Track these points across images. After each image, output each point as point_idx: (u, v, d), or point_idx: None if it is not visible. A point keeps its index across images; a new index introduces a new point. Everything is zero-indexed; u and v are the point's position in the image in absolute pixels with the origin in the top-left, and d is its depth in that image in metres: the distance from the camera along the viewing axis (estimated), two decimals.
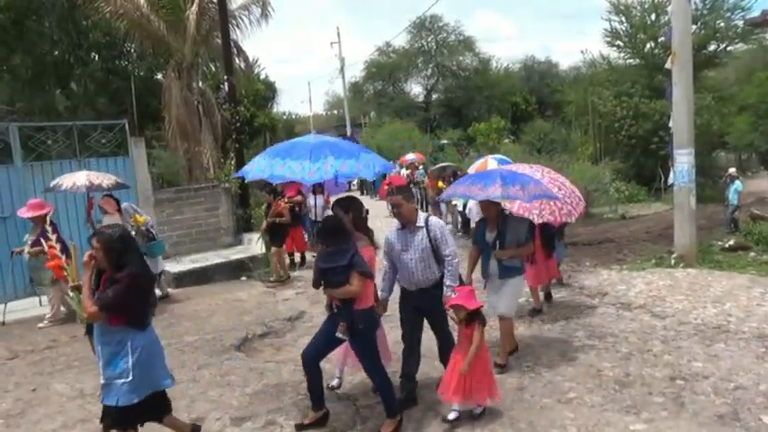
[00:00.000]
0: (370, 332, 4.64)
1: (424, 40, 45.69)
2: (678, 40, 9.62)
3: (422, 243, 4.85)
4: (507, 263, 5.63)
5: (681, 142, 9.72)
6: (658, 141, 18.61)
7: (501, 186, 5.24)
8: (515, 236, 5.64)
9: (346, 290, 4.38)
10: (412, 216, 4.92)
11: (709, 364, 5.52)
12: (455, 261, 4.84)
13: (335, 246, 4.38)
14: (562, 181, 6.94)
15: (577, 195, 6.88)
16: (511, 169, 6.12)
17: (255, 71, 25.94)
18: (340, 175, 4.51)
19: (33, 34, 17.92)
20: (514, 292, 5.79)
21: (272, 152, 4.83)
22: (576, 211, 6.76)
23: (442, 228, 4.94)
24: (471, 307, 4.54)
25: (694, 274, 8.86)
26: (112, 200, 8.51)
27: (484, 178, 5.61)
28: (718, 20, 21.18)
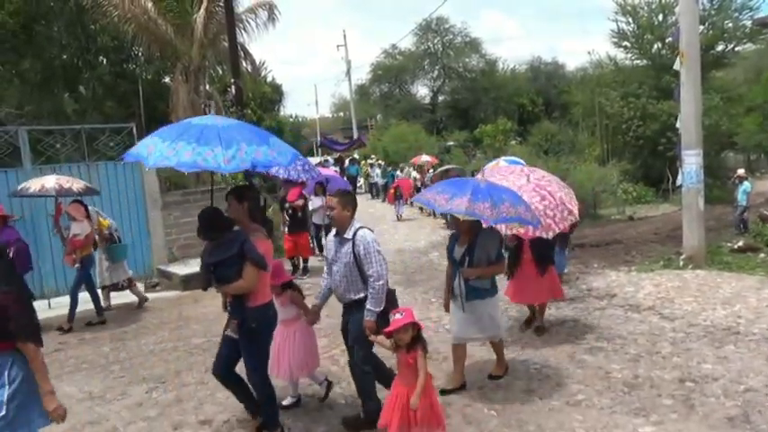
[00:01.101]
0: (263, 332, 4.32)
1: (431, 42, 45.71)
2: (686, 41, 9.58)
3: (347, 257, 4.45)
4: (475, 283, 5.08)
5: (689, 143, 9.67)
6: (666, 142, 18.53)
7: (468, 200, 4.67)
8: (485, 253, 5.09)
9: (238, 285, 4.09)
10: (343, 224, 4.55)
11: (718, 366, 5.48)
12: (378, 284, 4.35)
13: (219, 237, 4.10)
14: (550, 190, 6.14)
15: (566, 208, 6.07)
16: (491, 182, 5.31)
17: (262, 74, 26.02)
18: (257, 163, 4.02)
19: (42, 39, 18.05)
20: (493, 313, 5.24)
21: (171, 134, 4.00)
22: (557, 226, 5.95)
23: (368, 244, 4.42)
24: (422, 325, 4.07)
25: (703, 276, 8.81)
26: (81, 206, 8.22)
27: (455, 187, 5.02)
28: (725, 20, 21.08)
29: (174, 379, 5.93)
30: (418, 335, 4.04)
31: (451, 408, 4.90)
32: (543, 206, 5.89)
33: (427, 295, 8.66)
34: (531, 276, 6.51)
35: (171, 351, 6.85)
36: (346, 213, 4.55)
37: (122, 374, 6.16)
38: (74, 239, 8.00)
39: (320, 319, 5.05)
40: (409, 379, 4.02)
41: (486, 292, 5.14)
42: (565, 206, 6.01)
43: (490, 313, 5.20)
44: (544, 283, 6.61)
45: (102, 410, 5.30)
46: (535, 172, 6.47)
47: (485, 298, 5.13)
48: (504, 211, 4.72)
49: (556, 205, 5.95)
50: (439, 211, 5.03)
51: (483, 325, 5.18)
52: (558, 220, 5.91)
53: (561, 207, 5.97)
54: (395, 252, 12.31)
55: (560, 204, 5.99)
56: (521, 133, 34.28)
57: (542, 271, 6.51)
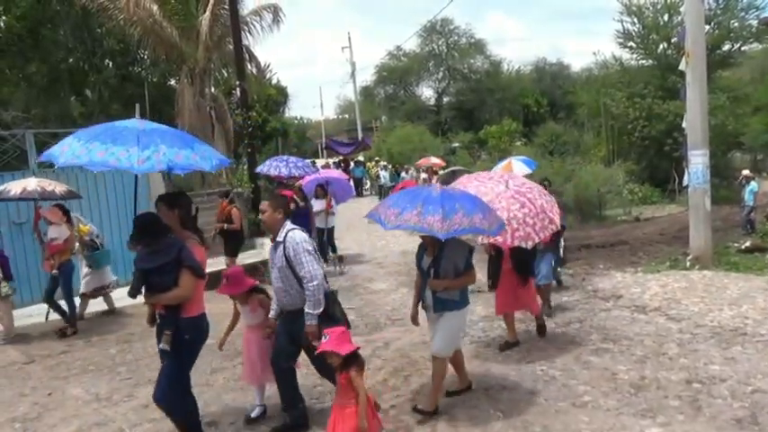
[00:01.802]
0: (195, 345, 4.14)
1: (435, 44, 45.76)
2: (691, 41, 9.55)
3: (280, 260, 4.36)
4: (443, 295, 4.80)
5: (695, 143, 9.63)
6: (672, 143, 18.46)
7: (417, 215, 4.33)
8: (452, 263, 4.76)
9: (175, 294, 3.91)
10: (273, 226, 4.46)
11: (726, 367, 5.45)
12: (312, 285, 4.24)
13: (154, 243, 3.95)
14: (530, 197, 5.73)
15: (547, 216, 5.66)
16: (447, 189, 4.86)
17: (267, 76, 26.09)
18: (175, 166, 3.92)
19: (48, 42, 18.17)
20: (451, 329, 4.86)
21: (87, 135, 3.95)
22: (537, 235, 5.54)
23: (297, 244, 4.30)
24: (344, 352, 3.82)
25: (710, 277, 8.77)
26: (59, 209, 8.02)
27: (405, 200, 4.62)
28: (731, 20, 21.00)
29: None
30: (353, 354, 3.85)
31: (457, 409, 4.90)
32: (522, 214, 5.52)
33: None
34: (512, 287, 6.21)
35: None
36: (277, 216, 4.44)
37: (129, 376, 6.18)
38: (51, 244, 7.82)
39: None
40: (343, 398, 3.89)
41: (454, 303, 4.83)
42: (546, 214, 5.63)
43: (456, 326, 4.89)
44: (525, 294, 6.35)
45: (108, 412, 5.32)
46: (515, 178, 6.13)
47: (453, 310, 4.82)
48: (456, 223, 4.32)
49: (536, 213, 5.57)
50: (387, 228, 4.55)
51: (444, 337, 4.85)
52: (537, 228, 5.53)
53: (542, 215, 5.60)
54: (399, 254, 12.30)
55: (541, 213, 5.61)
56: (526, 134, 34.23)
57: (524, 281, 6.25)
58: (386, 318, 7.89)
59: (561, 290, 8.48)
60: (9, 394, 5.91)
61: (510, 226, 5.35)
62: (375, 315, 8.03)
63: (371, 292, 9.34)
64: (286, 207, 4.55)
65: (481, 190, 5.51)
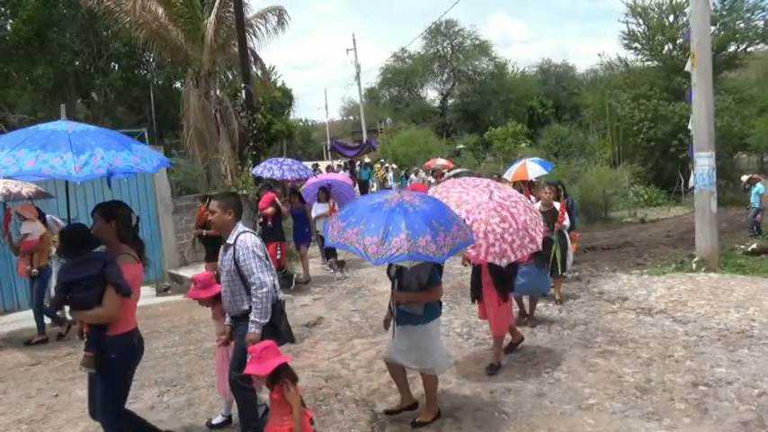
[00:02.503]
0: (124, 364, 3.89)
1: (440, 45, 45.76)
2: (697, 42, 9.52)
3: (229, 264, 4.17)
4: (405, 307, 4.59)
5: (701, 145, 9.60)
6: (677, 144, 18.41)
7: (407, 240, 3.88)
8: (415, 276, 4.53)
9: (96, 314, 3.67)
10: (223, 228, 4.27)
11: (732, 369, 5.43)
12: (260, 292, 4.05)
13: (78, 255, 3.71)
14: (513, 212, 5.26)
15: (528, 234, 5.23)
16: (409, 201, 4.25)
17: (272, 78, 26.18)
18: (116, 170, 3.63)
19: (55, 45, 18.31)
20: (425, 344, 4.62)
21: (11, 142, 3.58)
22: (513, 254, 5.09)
23: (247, 249, 4.11)
24: (265, 372, 3.63)
25: (716, 279, 8.73)
26: (32, 206, 7.84)
27: (366, 216, 4.12)
28: (737, 20, 20.91)
29: (186, 382, 5.96)
30: (283, 367, 3.68)
31: (462, 411, 4.90)
32: (501, 229, 5.08)
33: None
34: (491, 303, 5.82)
35: (182, 355, 6.88)
36: (227, 217, 4.24)
37: (134, 378, 6.16)
38: (25, 241, 7.57)
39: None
40: (276, 414, 3.74)
41: (417, 318, 4.57)
42: (527, 232, 5.20)
43: (420, 344, 4.61)
44: (505, 311, 5.88)
45: None
46: (502, 189, 5.65)
47: (416, 324, 4.57)
48: (394, 247, 3.88)
49: (516, 230, 5.12)
50: (327, 243, 4.29)
51: (413, 354, 4.62)
52: (515, 246, 5.08)
53: (522, 233, 5.15)
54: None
55: (522, 230, 5.17)
56: (531, 136, 34.18)
57: (503, 298, 5.78)
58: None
59: (566, 292, 8.42)
60: (15, 396, 5.93)
61: (486, 240, 4.99)
62: (379, 317, 7.98)
63: (376, 294, 9.34)
64: (237, 207, 4.32)
65: (463, 198, 5.23)
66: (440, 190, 5.61)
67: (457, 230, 4.23)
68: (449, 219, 4.29)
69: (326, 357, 6.49)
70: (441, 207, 4.45)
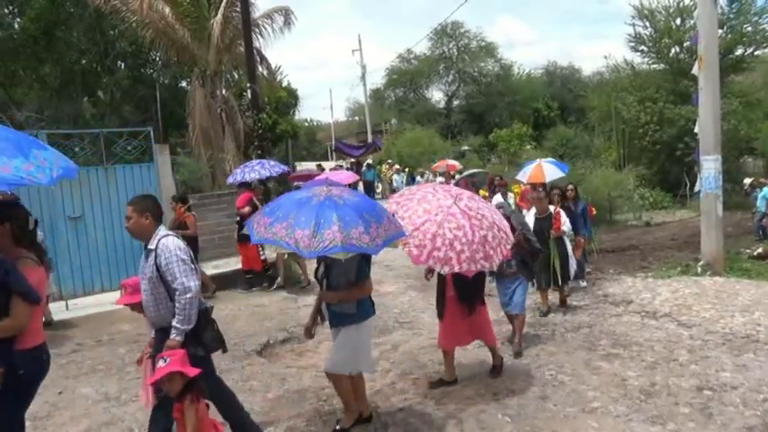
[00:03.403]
0: (32, 381, 3.62)
1: (446, 47, 45.68)
2: (704, 45, 9.49)
3: (150, 270, 3.91)
4: (337, 308, 4.49)
5: (707, 148, 9.57)
6: (683, 147, 18.33)
7: (340, 232, 3.76)
8: (343, 273, 4.42)
9: (6, 325, 3.34)
10: (143, 233, 4.00)
11: (737, 374, 5.40)
12: (184, 297, 3.82)
13: None
14: (476, 223, 4.82)
15: (484, 251, 4.75)
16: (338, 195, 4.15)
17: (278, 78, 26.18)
18: (1, 181, 3.17)
19: (62, 44, 18.38)
20: (346, 345, 4.51)
21: None
22: (458, 265, 4.63)
23: (170, 252, 3.88)
24: (192, 373, 3.48)
25: (721, 283, 8.70)
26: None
27: (295, 210, 3.97)
28: (745, 24, 20.82)
29: None
30: (192, 382, 3.49)
31: (465, 412, 4.89)
32: (453, 236, 4.67)
33: None
34: (456, 317, 5.43)
35: None
36: (144, 221, 3.99)
37: (138, 376, 6.15)
38: None
39: None
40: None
41: (350, 317, 4.45)
42: (483, 248, 4.75)
43: (354, 343, 4.52)
44: (472, 324, 5.50)
45: (117, 412, 5.35)
46: (474, 200, 5.20)
47: (350, 324, 4.46)
48: (327, 239, 3.77)
49: (469, 242, 4.66)
50: (254, 240, 4.06)
51: (349, 356, 4.53)
52: (463, 258, 4.65)
53: (476, 247, 4.71)
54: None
55: (477, 244, 4.71)
56: (536, 138, 34.10)
57: (469, 310, 5.41)
58: (394, 320, 7.89)
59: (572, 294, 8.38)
60: None
61: (432, 242, 4.61)
62: (383, 318, 8.02)
63: (380, 295, 9.32)
64: (155, 210, 4.08)
65: (428, 197, 4.96)
66: (412, 188, 5.59)
67: (388, 223, 4.18)
68: (379, 211, 4.22)
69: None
70: (370, 201, 4.44)
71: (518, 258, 6.09)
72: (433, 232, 4.65)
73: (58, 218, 9.63)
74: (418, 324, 7.62)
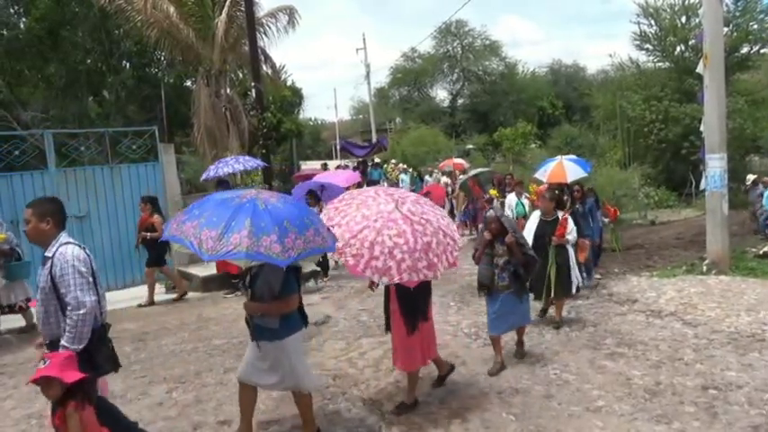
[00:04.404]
0: None
1: (450, 45, 45.66)
2: (710, 43, 9.45)
3: (45, 280, 3.65)
4: (259, 321, 4.21)
5: (713, 147, 9.54)
6: (689, 146, 18.28)
7: (249, 237, 3.54)
8: (267, 285, 4.15)
9: None
10: (42, 239, 3.73)
11: (743, 373, 5.38)
12: (77, 314, 3.53)
13: None
14: (419, 229, 4.48)
15: (427, 259, 4.41)
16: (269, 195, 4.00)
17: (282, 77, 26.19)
18: None
19: (67, 44, 18.45)
20: (288, 360, 4.21)
21: None
22: (397, 275, 4.28)
23: (65, 262, 3.60)
24: (69, 380, 3.20)
25: (727, 282, 8.67)
26: None
27: (222, 214, 3.70)
28: (750, 22, 20.75)
29: (194, 379, 5.99)
30: (78, 387, 3.24)
31: (470, 412, 4.89)
32: (393, 243, 4.34)
33: (446, 299, 8.63)
34: (398, 334, 4.99)
35: (191, 352, 6.92)
36: (44, 227, 3.70)
37: (143, 374, 6.23)
38: None
39: None
40: None
41: (272, 333, 4.17)
42: (426, 256, 4.39)
43: (279, 362, 4.21)
44: (414, 344, 4.93)
45: (123, 409, 5.33)
46: (420, 205, 4.80)
47: (272, 340, 4.17)
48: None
49: (411, 249, 4.32)
50: (187, 245, 3.69)
51: (273, 375, 4.26)
52: (403, 267, 4.27)
53: (418, 255, 4.34)
54: None
55: (419, 251, 4.35)
56: (540, 136, 34.05)
57: (411, 327, 4.87)
58: None
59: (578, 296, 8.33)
60: (25, 390, 5.97)
61: (370, 251, 4.27)
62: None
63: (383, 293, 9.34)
64: (58, 215, 3.80)
65: (368, 202, 4.64)
66: (354, 192, 5.23)
67: (313, 235, 3.86)
68: (305, 222, 3.90)
69: (334, 356, 6.50)
70: (299, 210, 4.07)
71: (510, 269, 5.60)
72: (371, 240, 4.31)
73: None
74: None
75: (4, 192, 9.38)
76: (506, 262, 5.60)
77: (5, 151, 9.83)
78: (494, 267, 5.66)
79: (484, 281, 5.71)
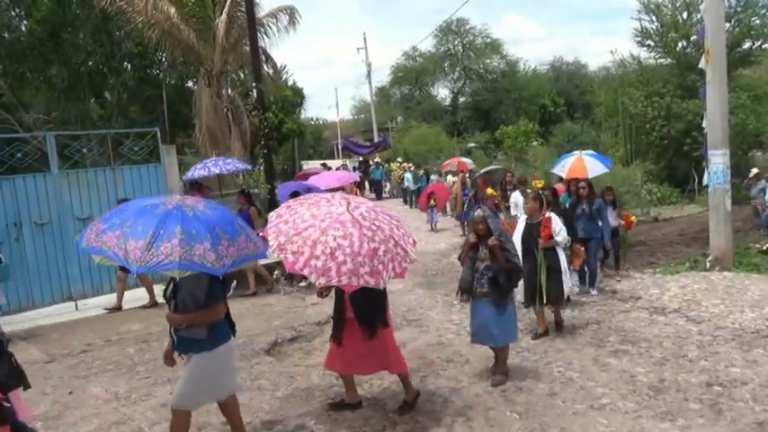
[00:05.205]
0: None
1: (451, 44, 45.65)
2: (711, 39, 9.42)
3: None
4: (184, 332, 4.04)
5: (715, 142, 9.51)
6: (691, 142, 18.22)
7: (181, 246, 3.39)
8: (190, 294, 3.97)
9: None
10: None
11: (747, 370, 5.37)
12: None
13: None
14: (368, 233, 4.27)
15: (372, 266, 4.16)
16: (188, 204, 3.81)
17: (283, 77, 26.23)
18: None
19: (68, 46, 18.49)
20: (192, 376, 4.05)
21: None
22: (338, 277, 4.05)
23: None
24: None
25: (731, 278, 8.65)
26: None
27: (149, 222, 3.51)
28: (752, 17, 20.68)
29: None
30: None
31: (473, 410, 4.89)
32: (336, 244, 4.13)
33: (448, 297, 8.63)
34: (355, 341, 4.82)
35: None
36: None
37: (147, 375, 6.24)
38: None
39: None
40: None
41: (199, 344, 4.01)
42: (370, 262, 4.17)
43: (208, 374, 4.08)
44: (371, 351, 4.82)
45: (127, 411, 5.37)
46: (369, 210, 4.54)
47: (200, 351, 4.03)
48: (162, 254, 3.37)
49: (354, 253, 4.12)
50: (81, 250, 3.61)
51: (198, 387, 4.12)
52: (343, 270, 4.07)
53: (361, 260, 4.14)
54: (418, 254, 12.25)
55: (363, 256, 4.15)
56: (542, 134, 33.99)
57: (369, 334, 4.75)
58: (402, 318, 7.88)
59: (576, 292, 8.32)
60: (30, 392, 5.93)
61: (312, 249, 4.09)
62: (391, 315, 8.02)
63: (389, 293, 9.33)
64: None
65: (321, 203, 4.50)
66: (310, 195, 5.12)
67: (245, 241, 3.78)
68: (236, 228, 3.81)
69: None
70: (228, 216, 3.96)
71: (488, 275, 5.31)
72: (314, 239, 4.12)
73: (67, 219, 9.68)
74: (426, 321, 7.62)
75: (7, 194, 9.39)
76: (487, 267, 5.32)
77: (8, 153, 9.84)
78: (474, 272, 5.42)
79: (463, 285, 5.49)
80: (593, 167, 9.57)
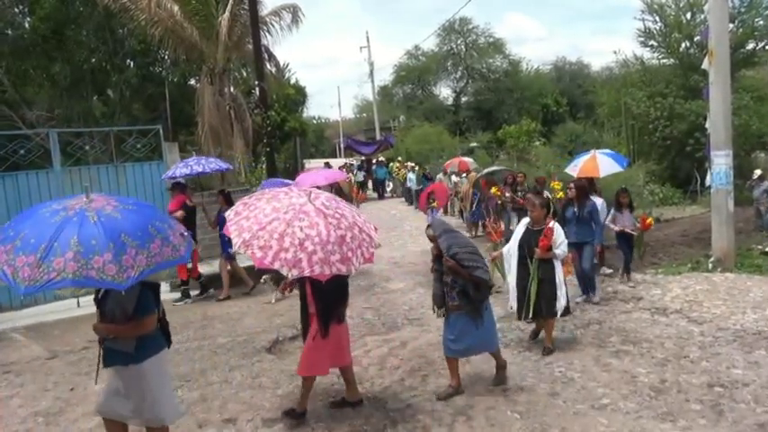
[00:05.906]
0: None
1: (454, 43, 45.64)
2: (715, 39, 9.41)
3: None
4: (112, 344, 3.80)
5: (718, 143, 9.49)
6: (694, 143, 18.21)
7: (75, 260, 3.05)
8: (118, 304, 3.73)
9: None
10: None
11: (749, 371, 5.36)
12: None
13: None
14: (333, 222, 4.26)
15: (341, 253, 4.17)
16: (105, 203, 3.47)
17: (286, 76, 26.24)
18: None
19: (71, 43, 18.50)
20: (147, 387, 3.81)
21: None
22: (308, 268, 4.02)
23: None
24: None
25: (732, 279, 8.64)
26: None
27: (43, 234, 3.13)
28: (756, 18, 20.65)
29: (199, 378, 6.00)
30: None
31: (474, 409, 4.89)
32: (305, 235, 4.09)
33: None
34: (315, 339, 4.79)
35: (196, 350, 6.93)
36: None
37: None
38: None
39: None
40: None
41: (127, 357, 3.76)
42: (339, 249, 4.18)
43: (135, 388, 3.80)
44: (327, 349, 4.79)
45: None
46: (329, 199, 4.58)
47: (127, 365, 3.77)
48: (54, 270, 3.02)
49: (323, 241, 4.10)
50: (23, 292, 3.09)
51: (128, 403, 3.84)
52: (315, 259, 4.04)
53: (331, 247, 4.13)
54: (417, 253, 12.26)
55: (333, 244, 4.14)
56: (545, 134, 33.97)
57: (323, 331, 4.73)
58: (403, 317, 7.89)
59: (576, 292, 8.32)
60: (32, 389, 6.01)
61: (279, 243, 4.01)
62: (392, 314, 8.04)
63: (388, 292, 9.35)
64: None
65: (280, 197, 4.43)
66: (264, 190, 5.05)
67: (160, 246, 3.37)
68: (150, 232, 3.38)
69: None
70: (143, 217, 3.49)
71: (457, 288, 5.09)
72: (280, 231, 4.06)
73: None
74: (427, 321, 7.61)
75: (10, 191, 9.40)
76: (453, 281, 5.09)
77: (11, 150, 9.86)
78: (444, 285, 5.23)
79: (436, 300, 5.33)
80: (606, 167, 9.45)
